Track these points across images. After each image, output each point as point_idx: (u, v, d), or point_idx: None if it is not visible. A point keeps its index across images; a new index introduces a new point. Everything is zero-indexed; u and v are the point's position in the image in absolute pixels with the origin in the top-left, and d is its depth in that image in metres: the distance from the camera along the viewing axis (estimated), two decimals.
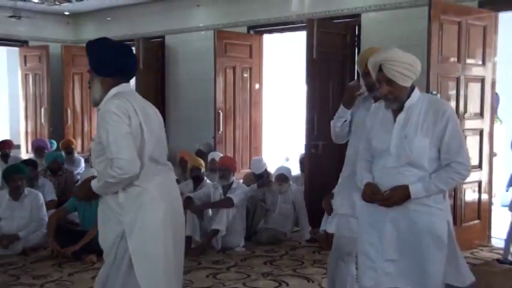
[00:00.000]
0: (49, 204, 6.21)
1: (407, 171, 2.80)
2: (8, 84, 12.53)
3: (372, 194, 2.85)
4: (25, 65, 10.29)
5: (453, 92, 5.63)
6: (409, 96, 2.82)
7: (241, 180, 6.84)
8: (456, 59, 5.62)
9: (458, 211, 5.73)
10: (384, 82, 2.78)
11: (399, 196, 2.79)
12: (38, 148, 8.51)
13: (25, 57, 10.27)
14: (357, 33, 7.00)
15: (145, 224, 2.79)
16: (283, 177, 6.26)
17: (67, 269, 5.06)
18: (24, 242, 5.60)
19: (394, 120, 2.86)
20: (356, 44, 7.01)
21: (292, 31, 8.00)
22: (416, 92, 2.85)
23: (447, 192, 2.90)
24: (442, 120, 2.76)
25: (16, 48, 10.45)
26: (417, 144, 2.78)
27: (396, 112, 2.86)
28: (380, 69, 2.77)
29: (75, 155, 8.84)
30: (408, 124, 2.81)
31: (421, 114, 2.80)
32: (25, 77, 10.33)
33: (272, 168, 6.81)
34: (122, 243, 2.80)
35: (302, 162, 7.03)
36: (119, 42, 3.28)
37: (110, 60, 2.95)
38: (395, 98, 2.80)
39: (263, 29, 8.19)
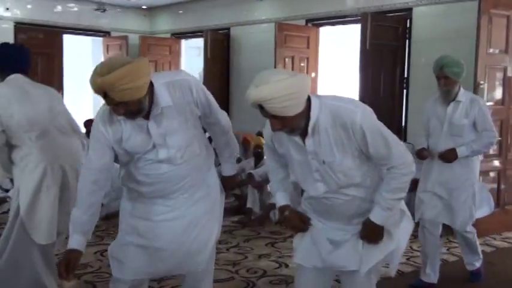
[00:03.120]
0: None
1: (345, 193, 2.31)
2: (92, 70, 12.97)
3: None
4: (107, 53, 10.63)
5: (500, 83, 5.48)
6: (308, 118, 2.17)
7: None
8: (504, 50, 5.45)
9: (502, 194, 5.61)
10: (272, 118, 2.14)
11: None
12: None
13: (107, 46, 10.60)
14: (408, 26, 6.88)
15: (22, 184, 3.17)
16: None
17: None
18: (107, 209, 5.87)
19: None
20: (407, 36, 6.89)
21: (347, 24, 7.92)
22: (314, 109, 2.17)
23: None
24: (356, 134, 2.17)
25: (100, 38, 10.81)
26: (339, 168, 2.23)
27: (304, 137, 2.24)
28: (261, 107, 2.11)
29: None
30: (321, 147, 2.22)
31: (329, 130, 2.19)
32: None
33: None
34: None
35: None
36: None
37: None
38: (291, 129, 2.19)
39: (320, 21, 8.15)
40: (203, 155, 2.55)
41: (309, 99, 2.18)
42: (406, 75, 6.94)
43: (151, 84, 2.29)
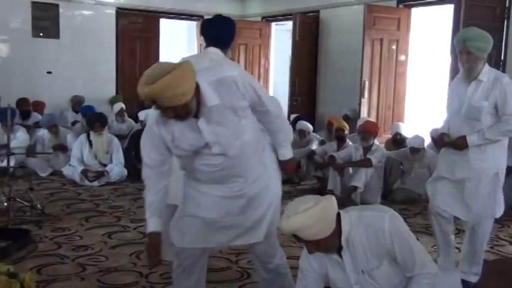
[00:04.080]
0: None
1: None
2: (187, 53, 13.43)
3: None
4: (201, 37, 10.93)
5: None
6: (340, 233, 2.31)
7: (383, 145, 6.78)
8: None
9: None
10: (307, 243, 2.31)
11: None
12: None
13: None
14: (507, 5, 6.48)
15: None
16: (414, 149, 6.08)
17: None
18: None
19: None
20: (506, 16, 6.49)
21: (440, 4, 7.61)
22: (344, 224, 2.32)
23: None
24: (386, 239, 2.28)
25: (194, 22, 11.16)
26: (379, 275, 2.35)
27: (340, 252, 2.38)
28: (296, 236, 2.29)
29: None
30: (357, 258, 2.34)
31: (363, 241, 2.32)
32: (200, 47, 10.98)
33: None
34: None
35: (432, 137, 6.43)
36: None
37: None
38: (326, 249, 2.36)
39: (412, 2, 7.88)
40: (256, 140, 2.63)
41: (338, 215, 2.31)
42: (502, 59, 6.57)
43: (197, 85, 2.35)
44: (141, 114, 7.90)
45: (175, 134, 2.45)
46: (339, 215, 2.32)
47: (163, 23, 10.53)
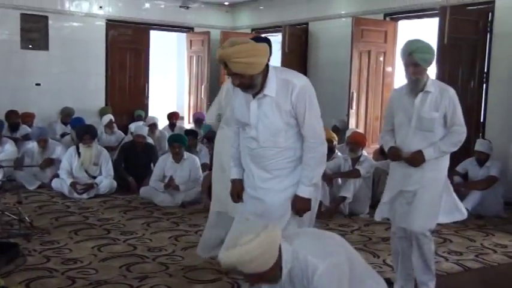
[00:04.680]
0: (203, 166, 6.73)
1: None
2: (176, 64, 13.52)
3: None
4: (190, 48, 11.04)
5: None
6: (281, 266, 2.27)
7: (371, 156, 6.86)
8: None
9: None
10: (249, 277, 2.26)
11: None
12: (198, 120, 9.18)
13: (191, 41, 11.01)
14: (489, 19, 6.61)
15: None
16: None
17: None
18: (183, 196, 6.17)
19: None
20: (488, 30, 6.63)
21: (425, 18, 7.74)
22: (285, 258, 2.27)
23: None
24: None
25: (184, 34, 11.23)
26: None
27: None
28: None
29: None
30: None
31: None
32: (190, 59, 11.10)
33: None
34: None
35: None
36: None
37: None
38: (268, 280, 2.28)
39: (398, 15, 8.01)
40: (292, 150, 2.83)
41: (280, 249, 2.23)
42: (486, 70, 6.69)
43: (267, 70, 2.74)
44: (131, 126, 7.94)
45: (235, 102, 2.90)
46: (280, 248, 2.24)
47: (154, 34, 10.58)
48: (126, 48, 9.96)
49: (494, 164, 5.91)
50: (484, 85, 6.70)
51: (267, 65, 2.77)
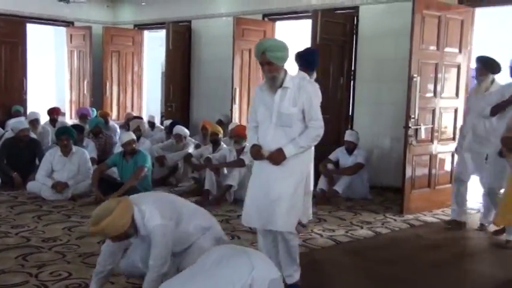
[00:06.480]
0: (91, 160, 6.78)
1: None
2: (55, 59, 13.12)
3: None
4: (71, 43, 10.83)
5: (432, 76, 6.06)
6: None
7: None
8: (436, 48, 6.02)
9: (433, 176, 6.25)
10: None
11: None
12: (82, 115, 9.11)
13: (71, 36, 10.80)
14: (355, 22, 7.44)
15: None
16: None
17: None
18: (73, 190, 6.22)
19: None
20: (354, 32, 7.45)
21: (300, 19, 8.41)
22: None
23: None
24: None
25: (61, 28, 10.97)
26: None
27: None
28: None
29: (110, 122, 9.36)
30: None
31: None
32: (70, 54, 10.88)
33: None
34: None
35: None
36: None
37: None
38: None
39: (276, 16, 8.62)
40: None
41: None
42: (353, 68, 7.51)
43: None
44: (10, 122, 7.72)
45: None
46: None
47: (31, 28, 10.24)
48: (1, 42, 9.55)
49: (361, 152, 6.70)
50: (352, 82, 7.51)
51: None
